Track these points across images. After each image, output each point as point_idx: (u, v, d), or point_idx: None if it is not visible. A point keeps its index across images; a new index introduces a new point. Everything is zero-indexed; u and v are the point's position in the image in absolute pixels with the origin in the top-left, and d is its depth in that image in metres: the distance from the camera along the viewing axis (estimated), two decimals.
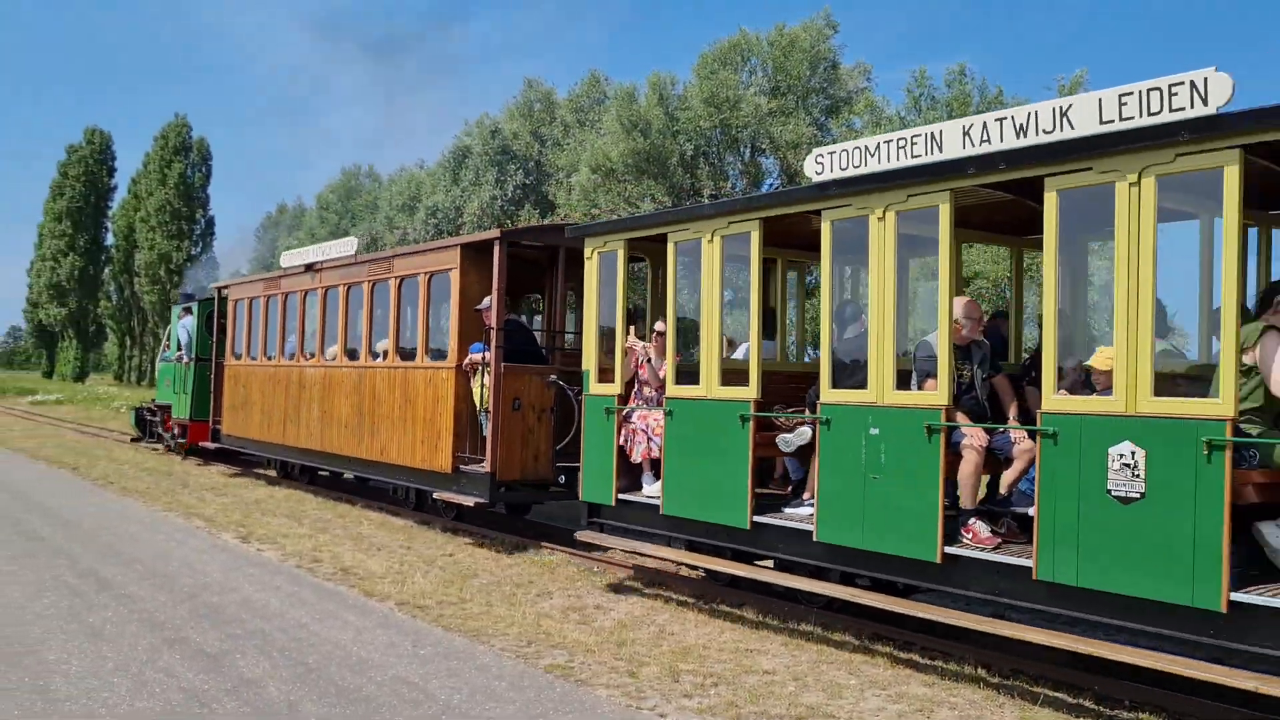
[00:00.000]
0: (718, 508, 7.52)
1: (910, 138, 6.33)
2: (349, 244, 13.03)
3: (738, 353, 8.27)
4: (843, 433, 6.67)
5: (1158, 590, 5.18)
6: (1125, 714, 5.60)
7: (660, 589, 8.40)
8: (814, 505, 6.91)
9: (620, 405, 8.41)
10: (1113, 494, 5.33)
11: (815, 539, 6.86)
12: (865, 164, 6.52)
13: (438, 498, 10.92)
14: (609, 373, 8.50)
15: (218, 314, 17.25)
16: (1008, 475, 6.44)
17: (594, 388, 8.71)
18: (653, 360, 8.30)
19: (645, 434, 8.16)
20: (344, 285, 12.85)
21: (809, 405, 7.10)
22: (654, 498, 8.09)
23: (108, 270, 65.05)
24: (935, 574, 6.23)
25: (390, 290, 11.74)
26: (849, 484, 6.62)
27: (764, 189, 42.39)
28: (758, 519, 7.30)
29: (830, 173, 6.72)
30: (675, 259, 7.97)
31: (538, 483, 10.14)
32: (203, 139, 59.17)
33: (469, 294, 10.39)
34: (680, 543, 7.96)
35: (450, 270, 10.61)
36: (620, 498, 8.45)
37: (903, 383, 6.45)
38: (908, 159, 6.30)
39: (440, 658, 6.47)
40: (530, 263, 11.31)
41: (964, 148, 6.02)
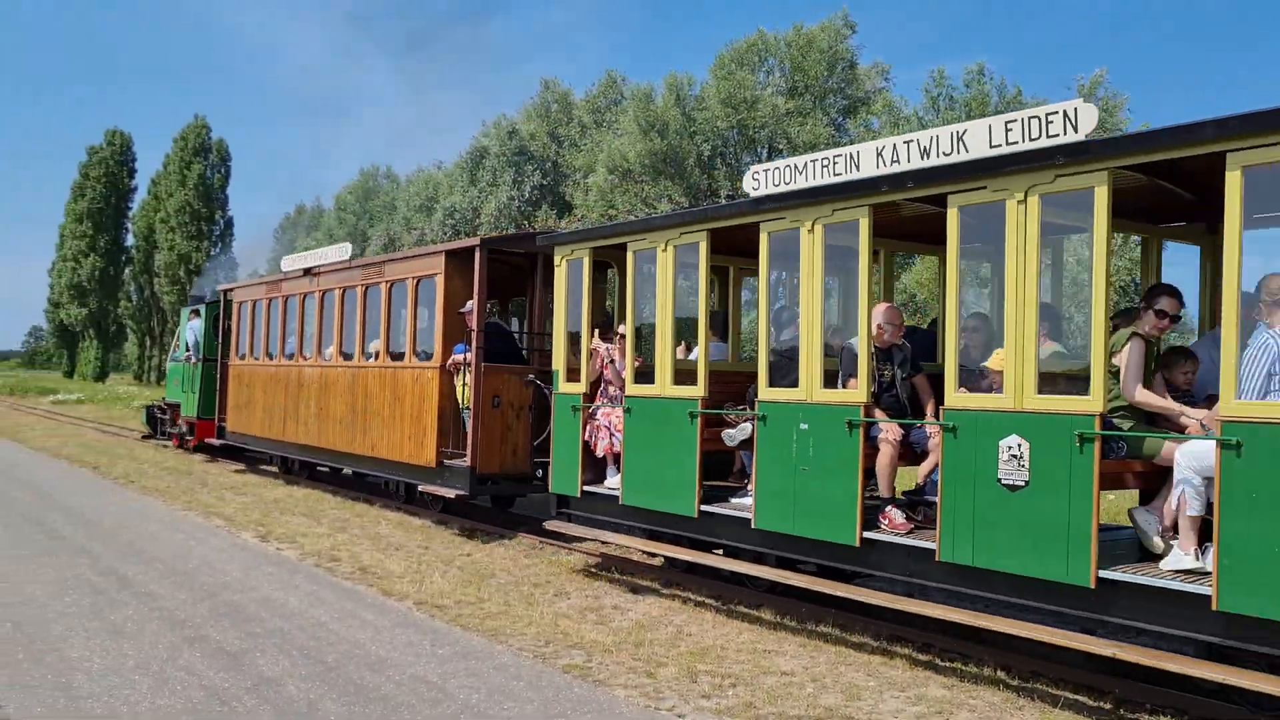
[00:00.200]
0: (670, 498, 8.21)
1: (832, 158, 7.09)
2: (344, 249, 13.96)
3: (694, 354, 8.96)
4: (777, 428, 7.36)
5: (1039, 569, 5.91)
6: (1146, 717, 5.66)
7: (677, 589, 8.52)
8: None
9: (586, 403, 9.15)
10: (1002, 482, 6.04)
11: (754, 526, 7.55)
12: (794, 181, 7.27)
13: (423, 490, 11.73)
14: (577, 373, 9.25)
15: (223, 316, 18.21)
16: (924, 467, 7.13)
17: (563, 387, 9.44)
18: (616, 361, 9.01)
19: (608, 430, 8.92)
20: (339, 289, 13.75)
21: (749, 403, 7.79)
22: (615, 489, 8.78)
23: (128, 271, 66.60)
24: (855, 557, 6.90)
25: (381, 294, 12.61)
26: (782, 475, 7.31)
27: None
28: (705, 508, 7.97)
29: (765, 188, 7.45)
30: (635, 267, 8.70)
31: (517, 476, 10.94)
32: (222, 140, 60.68)
33: (453, 298, 11.18)
34: (640, 531, 8.69)
35: (436, 275, 11.42)
36: (585, 489, 9.15)
37: (830, 382, 7.15)
38: (830, 177, 7.04)
39: (458, 657, 6.57)
40: (516, 268, 12.09)
41: (877, 167, 6.76)
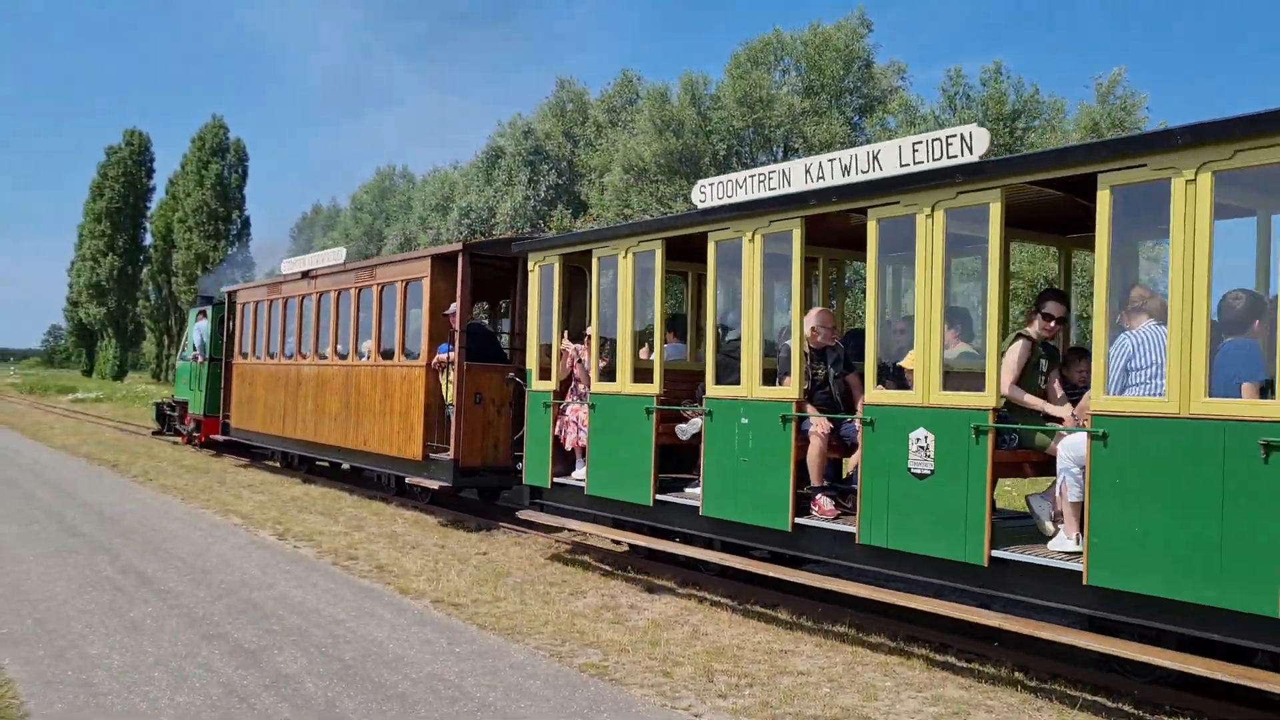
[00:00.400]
0: (629, 488, 8.98)
1: (767, 174, 7.87)
2: (339, 253, 14.92)
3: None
4: (722, 422, 8.12)
5: (943, 549, 6.66)
6: (1165, 719, 5.75)
7: (693, 589, 8.67)
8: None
9: (556, 400, 9.97)
10: (912, 471, 6.79)
11: (701, 514, 8.33)
12: (735, 195, 8.04)
13: (410, 482, 12.62)
14: (549, 371, 10.05)
15: (227, 317, 19.22)
16: (854, 459, 7.85)
17: (535, 384, 10.25)
18: (584, 361, 9.81)
19: (576, 425, 9.73)
20: (335, 291, 14.67)
21: (698, 400, 8.56)
22: (581, 480, 9.61)
23: (146, 270, 68.13)
24: (788, 541, 7.66)
25: (373, 296, 13.51)
26: (726, 466, 8.07)
27: None
28: (660, 497, 8.73)
29: (710, 201, 8.23)
30: (599, 272, 9.50)
31: (498, 469, 11.76)
32: (239, 140, 62.11)
33: (438, 300, 12.05)
34: (608, 520, 9.47)
35: (422, 279, 12.31)
36: (555, 481, 9.94)
37: (769, 380, 7.92)
38: (766, 191, 7.80)
39: (475, 656, 6.68)
40: (504, 272, 12.90)
41: (805, 183, 7.51)
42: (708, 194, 8.31)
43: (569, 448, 9.81)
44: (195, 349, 20.98)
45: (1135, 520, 5.65)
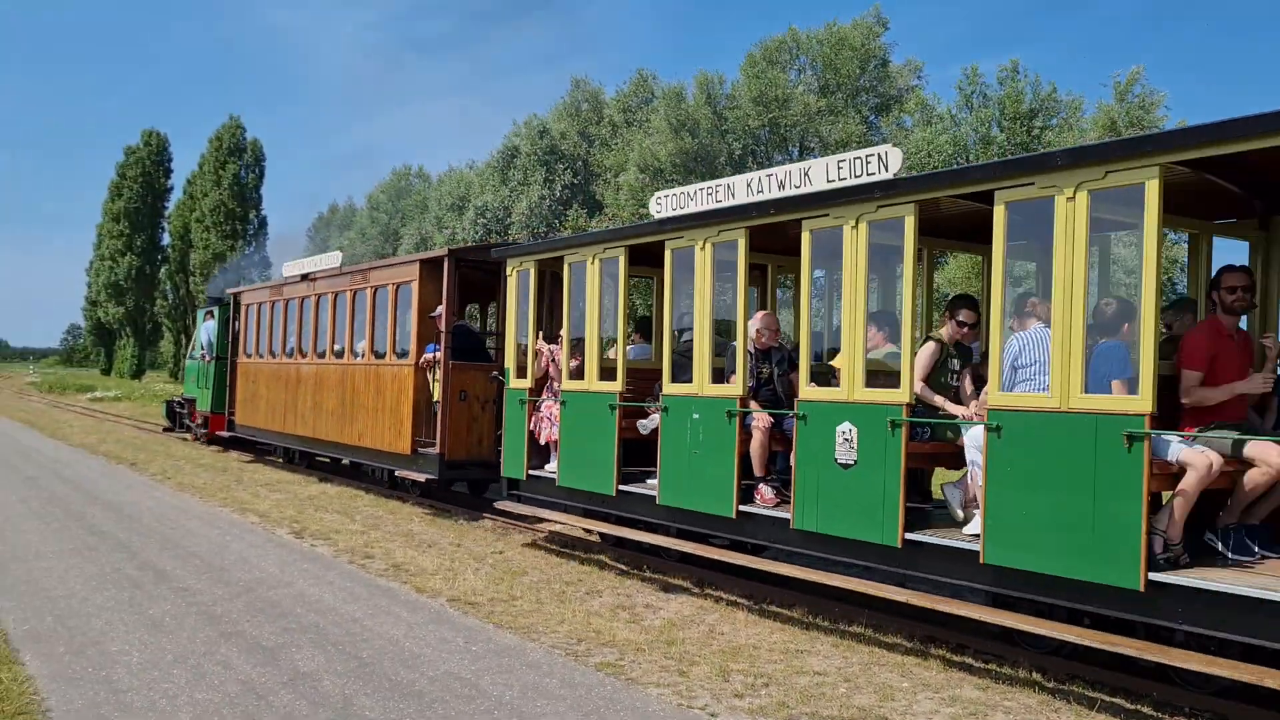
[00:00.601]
0: (596, 479, 9.77)
1: (715, 187, 8.64)
2: (335, 257, 15.87)
3: (627, 353, 10.49)
4: (676, 417, 8.92)
5: (864, 532, 7.40)
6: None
7: (709, 588, 8.89)
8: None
9: (531, 397, 10.78)
10: (838, 461, 7.54)
11: (658, 502, 9.11)
12: (687, 206, 8.82)
13: (399, 475, 13.52)
14: (526, 370, 10.87)
15: (232, 317, 20.23)
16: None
17: (512, 382, 11.07)
18: (558, 360, 10.60)
19: (549, 421, 10.54)
20: (332, 293, 15.63)
21: (655, 397, 9.34)
22: (553, 473, 10.39)
23: (164, 270, 69.62)
24: (733, 527, 8.49)
25: (367, 298, 14.45)
26: (679, 458, 8.85)
27: None
28: (622, 488, 9.52)
29: (665, 212, 9.02)
30: (570, 277, 10.31)
31: (483, 463, 12.57)
32: (256, 140, 63.49)
33: (426, 302, 12.96)
34: (579, 510, 10.26)
35: (412, 282, 13.21)
36: (530, 473, 10.76)
37: (718, 378, 8.69)
38: (714, 203, 8.58)
39: (491, 654, 6.79)
40: (495, 275, 13.74)
41: (747, 197, 8.28)
42: (663, 205, 9.11)
43: (543, 442, 10.63)
44: (203, 348, 22.10)
45: (1024, 504, 6.39)
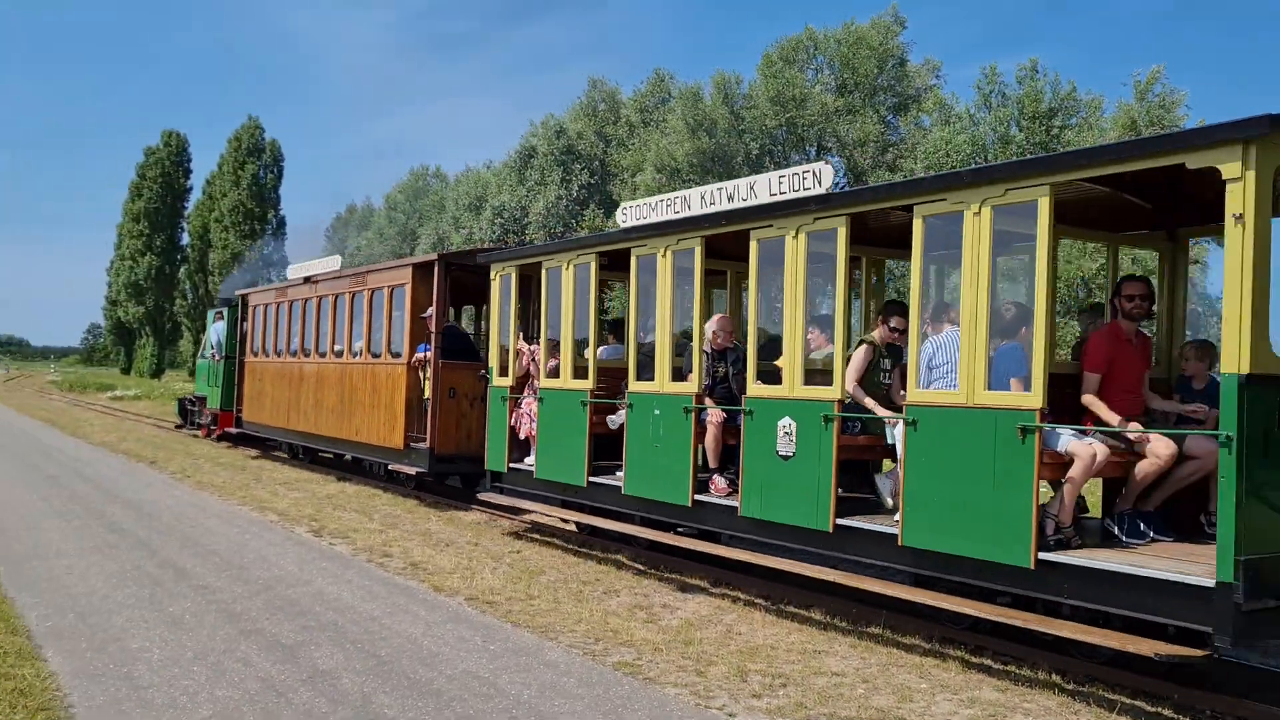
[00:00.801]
0: (568, 472, 10.66)
1: (673, 199, 9.46)
2: (334, 261, 16.88)
3: (600, 353, 11.34)
4: (640, 413, 9.81)
5: (801, 519, 8.20)
6: None
7: (726, 588, 9.09)
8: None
9: (512, 394, 11.68)
10: (779, 453, 8.34)
11: (624, 493, 9.96)
12: (649, 217, 9.65)
13: (392, 469, 14.47)
14: (507, 369, 11.74)
15: (240, 318, 21.29)
16: None
17: (495, 380, 12.02)
18: (538, 359, 11.45)
19: (529, 417, 11.39)
20: (332, 295, 16.66)
21: (621, 394, 10.17)
22: (532, 465, 11.29)
23: (183, 269, 71.13)
24: (689, 514, 9.30)
25: (364, 300, 15.41)
26: (642, 451, 9.71)
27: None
28: (592, 479, 10.40)
29: (630, 221, 9.86)
30: (547, 281, 11.17)
31: (471, 457, 13.44)
32: (274, 141, 64.89)
33: (418, 304, 13.98)
34: (555, 501, 11.11)
35: (405, 285, 14.14)
36: (511, 466, 11.72)
37: (677, 376, 9.51)
38: (673, 214, 9.41)
39: (509, 653, 6.91)
40: (485, 278, 14.61)
41: (701, 208, 9.10)
42: (628, 215, 9.95)
43: (523, 436, 11.51)
44: (213, 348, 23.28)
45: (935, 490, 7.20)
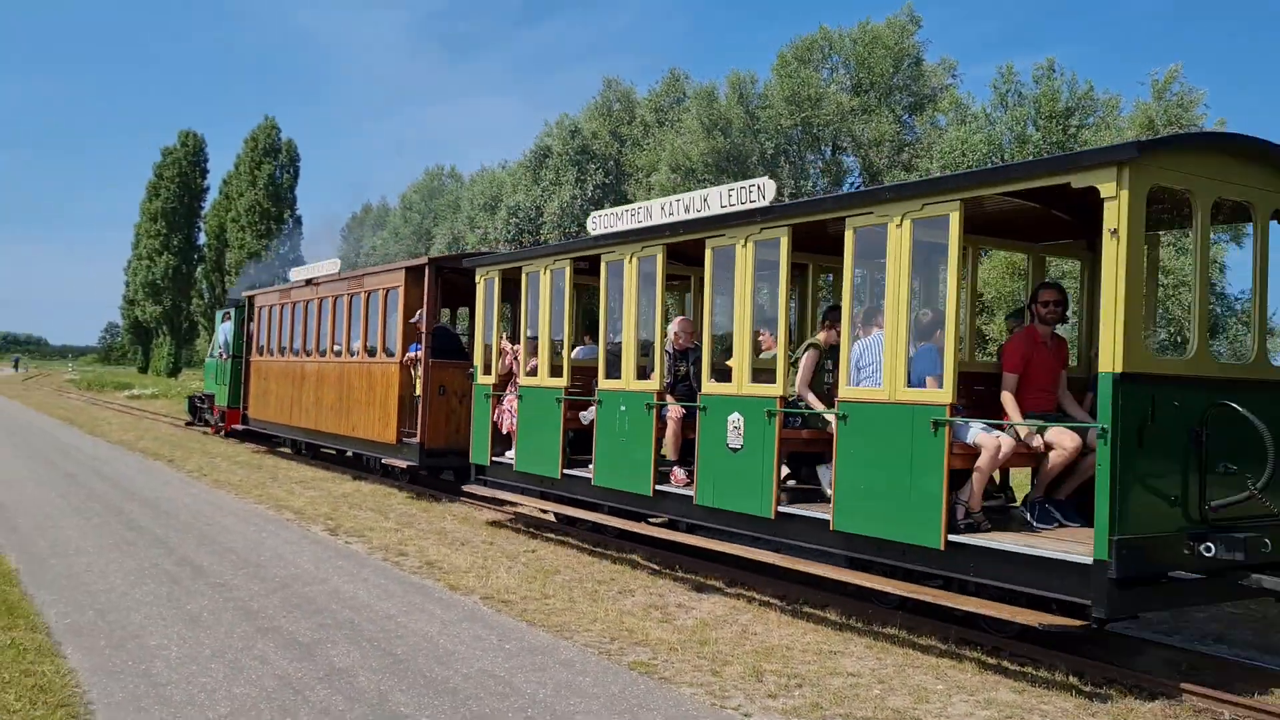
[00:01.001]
0: (544, 464, 11.59)
1: (637, 209, 10.31)
2: (334, 264, 17.88)
3: (575, 353, 12.20)
4: (608, 409, 10.68)
5: (748, 506, 9.03)
6: None
7: (742, 588, 9.33)
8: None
9: (495, 392, 12.58)
10: (729, 446, 9.18)
11: (593, 483, 10.83)
12: (616, 225, 10.51)
13: (385, 462, 15.45)
14: (491, 367, 12.65)
15: (246, 318, 22.36)
16: None
17: (479, 378, 12.96)
18: (519, 358, 12.34)
19: (510, 413, 12.28)
20: (332, 297, 17.71)
21: (592, 391, 11.03)
22: (512, 458, 12.18)
23: (200, 269, 72.67)
24: (650, 503, 10.15)
25: (361, 301, 16.42)
26: (610, 444, 10.62)
27: (845, 188, 45.25)
28: (566, 471, 11.31)
29: (600, 229, 10.72)
30: (527, 285, 12.07)
31: (459, 451, 14.33)
32: (290, 141, 66.36)
33: (411, 305, 15.01)
34: (534, 492, 11.98)
35: (398, 288, 15.10)
36: (494, 459, 12.65)
37: (642, 375, 10.36)
38: (637, 223, 10.26)
39: (525, 652, 7.05)
40: (474, 280, 15.54)
41: (662, 218, 9.95)
42: (599, 224, 10.83)
43: (504, 431, 12.40)
44: (220, 347, 24.48)
45: (862, 479, 8.03)
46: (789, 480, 10.22)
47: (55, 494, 14.39)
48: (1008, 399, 8.05)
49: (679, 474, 10.04)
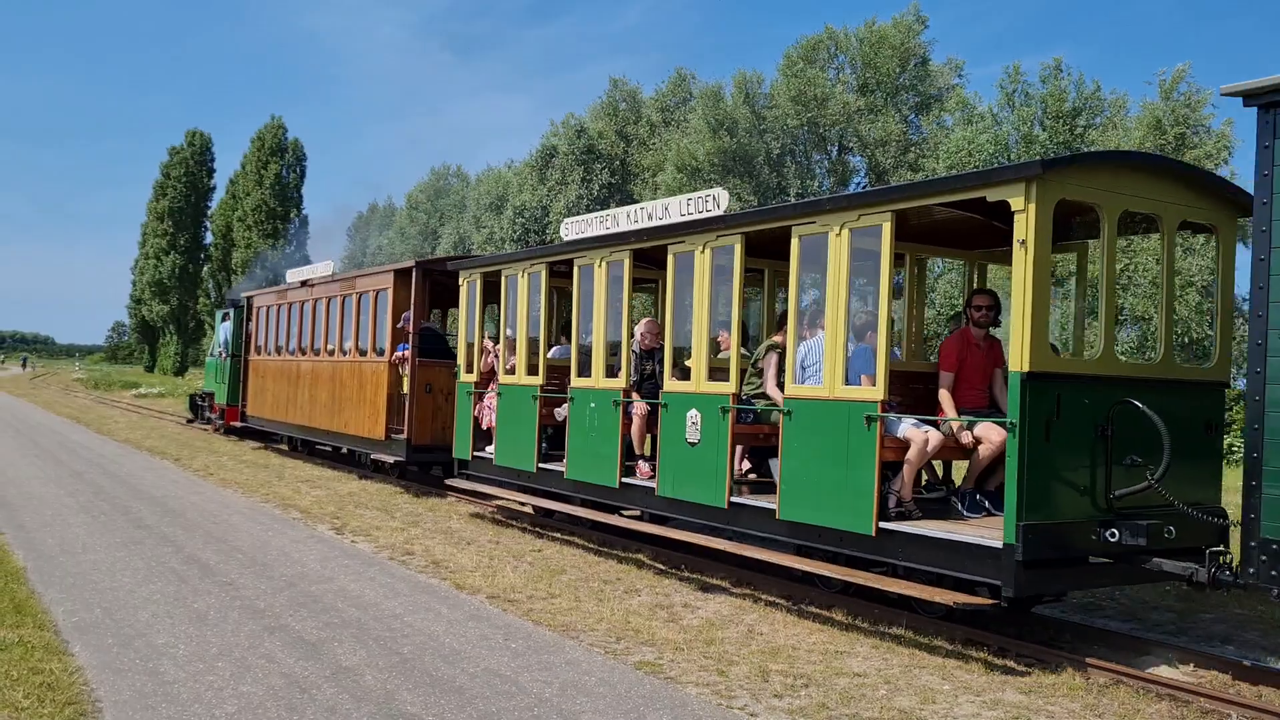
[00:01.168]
0: (521, 459, 12.35)
1: (606, 217, 11.07)
2: (327, 266, 18.71)
3: (552, 352, 12.94)
4: (580, 406, 11.43)
5: (704, 497, 9.76)
6: None
7: (748, 588, 9.49)
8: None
9: (478, 389, 13.33)
10: (688, 440, 9.89)
11: (566, 477, 11.58)
12: (586, 232, 11.26)
13: (374, 458, 16.24)
14: (473, 366, 13.42)
15: (245, 318, 23.23)
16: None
17: (462, 377, 13.76)
18: (500, 357, 13.09)
19: (490, 409, 13.03)
20: (325, 298, 18.55)
21: (566, 389, 11.77)
22: (492, 453, 12.94)
23: (206, 268, 73.82)
24: (617, 495, 10.89)
25: (353, 303, 17.22)
26: (581, 439, 11.39)
27: (851, 188, 45.83)
28: (541, 465, 12.07)
29: (573, 235, 11.47)
30: (506, 287, 12.84)
31: (445, 447, 15.11)
32: (297, 140, 67.55)
33: (399, 307, 15.88)
34: (513, 485, 12.73)
35: (387, 289, 15.93)
36: (475, 454, 13.43)
37: (611, 373, 11.10)
38: (605, 230, 11.00)
39: (531, 651, 7.14)
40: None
41: (628, 225, 10.68)
42: (571, 230, 11.59)
43: (484, 427, 13.16)
44: (220, 346, 25.40)
45: (804, 470, 8.73)
46: (750, 474, 10.99)
47: (63, 492, 14.67)
48: (944, 396, 8.76)
49: (644, 467, 10.78)
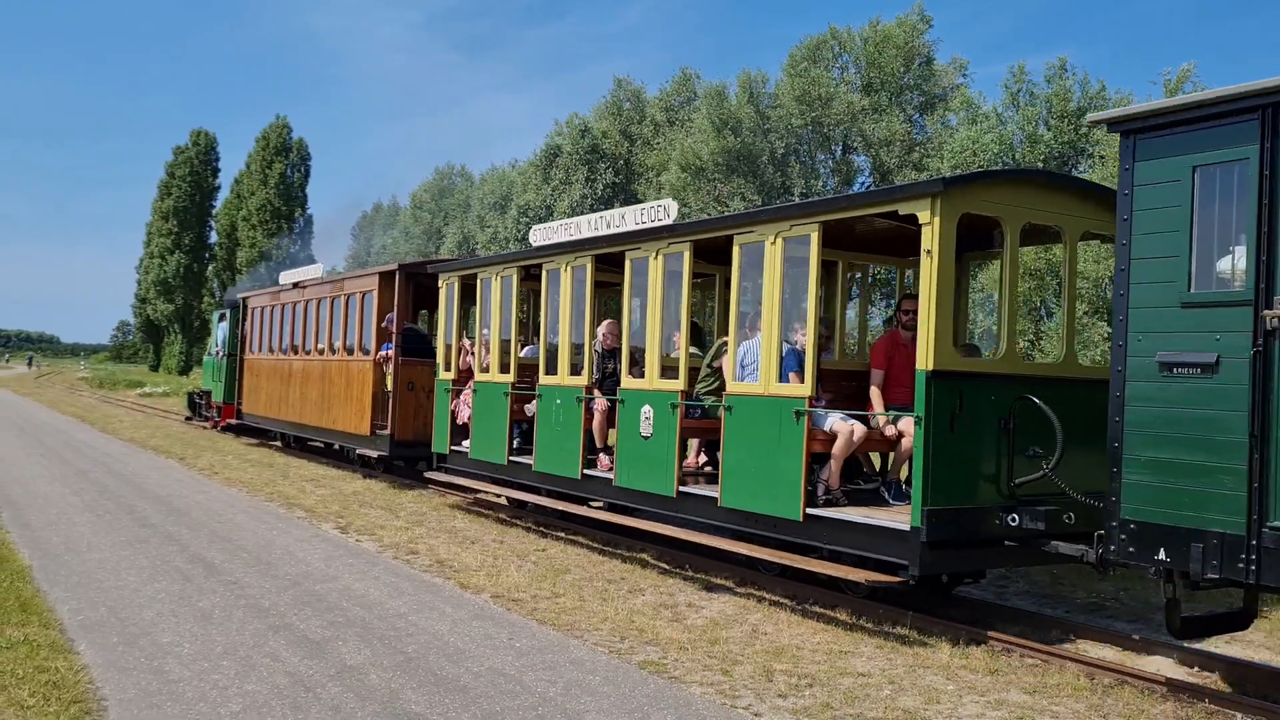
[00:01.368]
0: (494, 452, 13.33)
1: (570, 224, 12.01)
2: (318, 269, 19.78)
3: (523, 351, 13.87)
4: (547, 402, 12.37)
5: (655, 487, 10.68)
6: None
7: (752, 588, 9.67)
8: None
9: (454, 386, 14.28)
10: (641, 434, 10.81)
11: (534, 469, 12.52)
12: (552, 238, 12.19)
13: (359, 453, 17.20)
14: (451, 364, 14.38)
15: (240, 319, 24.28)
16: None
17: (441, 374, 14.70)
18: (476, 356, 14.03)
19: (466, 405, 13.97)
20: (316, 299, 19.57)
21: (535, 387, 12.69)
22: (467, 448, 13.88)
23: (211, 267, 75.04)
24: (578, 486, 11.80)
25: (341, 304, 18.22)
26: (548, 434, 12.33)
27: (856, 187, 46.59)
28: (512, 459, 13.04)
29: (541, 241, 12.41)
30: (481, 290, 13.78)
31: (427, 442, 16.07)
32: (301, 140, 68.84)
33: (384, 308, 16.96)
34: (487, 478, 13.65)
35: (372, 291, 16.94)
36: (452, 448, 14.41)
37: (575, 372, 12.01)
38: (569, 236, 11.92)
39: (535, 650, 7.23)
40: None
41: (589, 232, 11.61)
42: (540, 236, 12.53)
43: (460, 423, 14.11)
44: (218, 345, 26.45)
45: (742, 462, 9.65)
46: (706, 466, 11.89)
47: (68, 491, 14.94)
48: (874, 392, 9.66)
49: (604, 460, 11.70)
